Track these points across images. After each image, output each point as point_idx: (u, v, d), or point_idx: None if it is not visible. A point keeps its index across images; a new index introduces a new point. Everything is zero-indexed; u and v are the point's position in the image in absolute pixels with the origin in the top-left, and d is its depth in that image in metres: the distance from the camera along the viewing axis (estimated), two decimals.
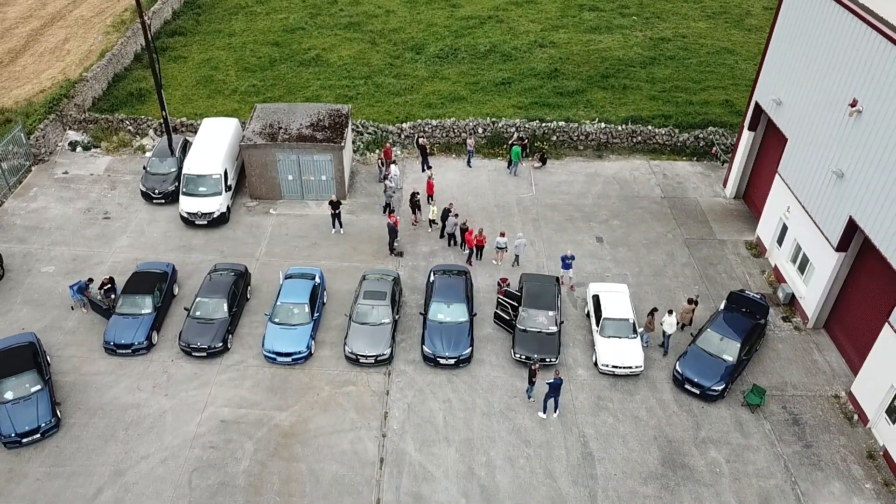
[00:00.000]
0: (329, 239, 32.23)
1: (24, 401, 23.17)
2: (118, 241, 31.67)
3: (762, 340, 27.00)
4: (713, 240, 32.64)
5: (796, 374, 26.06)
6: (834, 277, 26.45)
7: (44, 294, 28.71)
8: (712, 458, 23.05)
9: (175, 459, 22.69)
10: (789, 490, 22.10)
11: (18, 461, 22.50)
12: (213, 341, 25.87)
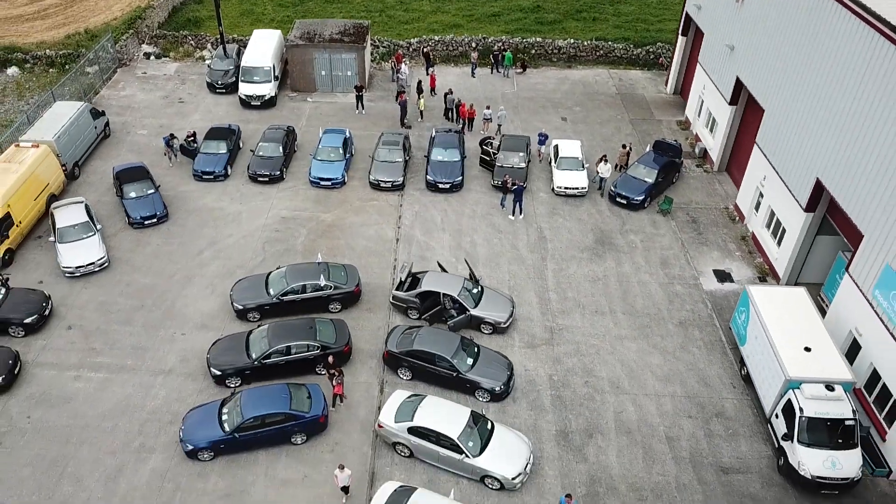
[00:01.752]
0: (354, 117, 41.69)
1: (143, 198, 32.75)
2: (192, 116, 41.18)
3: (678, 175, 36.42)
4: (652, 119, 42.10)
5: (700, 196, 35.53)
6: (732, 133, 35.87)
7: (142, 146, 38.26)
8: (631, 240, 32.52)
9: (251, 236, 32.22)
10: (682, 255, 31.57)
11: (142, 236, 32.06)
12: (273, 170, 35.39)
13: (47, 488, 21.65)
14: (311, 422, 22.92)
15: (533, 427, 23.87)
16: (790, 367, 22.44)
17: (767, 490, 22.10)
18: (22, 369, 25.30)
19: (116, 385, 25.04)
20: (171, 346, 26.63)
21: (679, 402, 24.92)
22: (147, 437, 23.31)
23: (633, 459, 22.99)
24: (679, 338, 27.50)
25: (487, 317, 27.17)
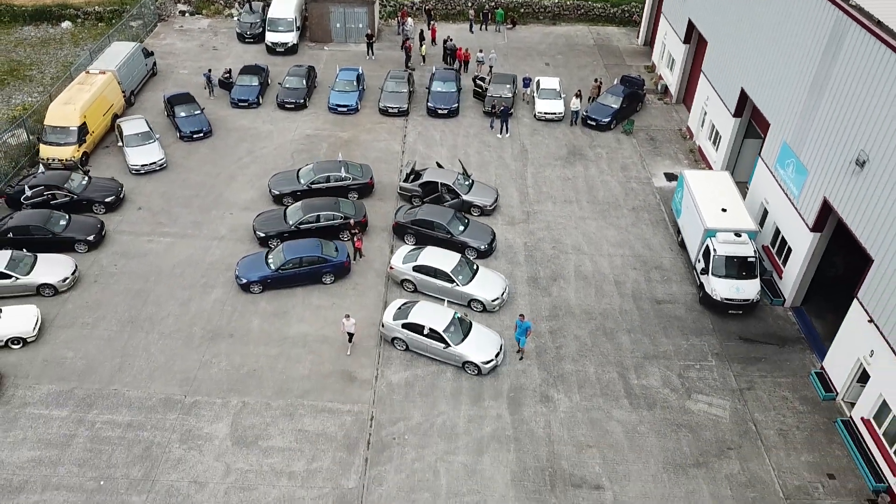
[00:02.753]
0: (365, 62, 48.18)
1: (192, 116, 39.29)
2: (225, 61, 47.69)
3: (641, 104, 42.92)
4: (623, 64, 48.60)
5: (659, 121, 42.07)
6: (687, 68, 42.33)
7: (185, 82, 44.78)
8: (598, 152, 39.04)
9: (281, 148, 38.77)
10: (639, 163, 38.08)
11: (192, 147, 38.58)
12: (297, 99, 41.91)
13: (136, 309, 28.23)
14: (338, 265, 29.48)
15: (510, 275, 30.43)
16: (708, 220, 28.95)
17: (689, 313, 28.64)
18: (106, 234, 31.88)
19: (181, 247, 31.61)
20: (221, 222, 33.20)
21: (627, 260, 31.46)
22: (209, 279, 29.88)
23: (587, 295, 29.54)
24: (631, 218, 34.04)
25: (476, 201, 33.72)
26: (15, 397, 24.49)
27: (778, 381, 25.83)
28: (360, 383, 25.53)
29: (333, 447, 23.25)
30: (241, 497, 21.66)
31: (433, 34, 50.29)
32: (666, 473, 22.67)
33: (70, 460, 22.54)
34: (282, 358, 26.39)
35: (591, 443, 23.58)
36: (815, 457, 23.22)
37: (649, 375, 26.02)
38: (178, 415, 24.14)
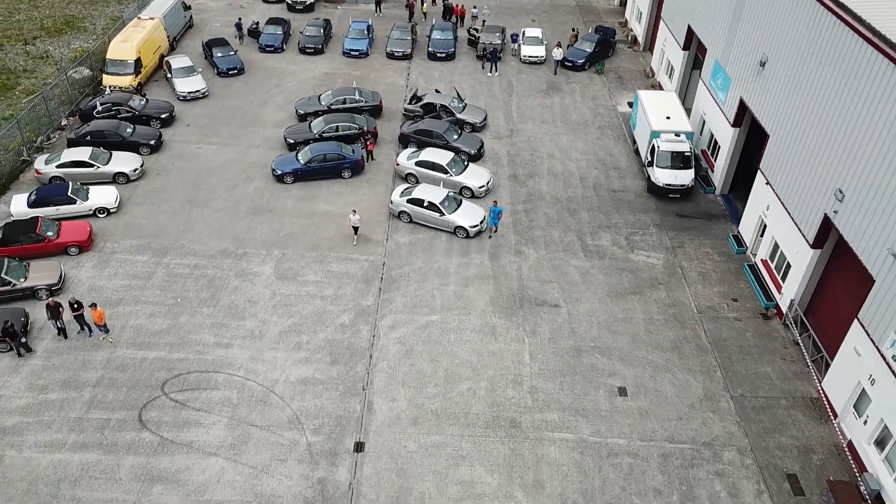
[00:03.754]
0: (373, 18, 55.01)
1: (227, 56, 46.18)
2: (251, 16, 54.55)
3: (612, 50, 49.77)
4: (601, 20, 55.45)
5: (627, 64, 48.91)
6: (652, 20, 49.12)
7: (218, 33, 51.65)
8: (573, 86, 45.89)
9: (304, 82, 45.61)
10: (607, 95, 44.92)
11: (228, 81, 45.43)
12: (316, 45, 48.80)
13: (193, 193, 35.11)
14: (354, 162, 36.36)
15: (495, 173, 37.28)
16: (655, 124, 35.77)
17: (637, 199, 35.51)
18: (163, 142, 38.77)
19: (224, 152, 38.50)
20: (256, 135, 40.08)
21: (591, 163, 38.32)
22: (249, 174, 36.77)
23: (556, 186, 36.41)
24: (597, 134, 40.90)
25: (468, 119, 40.59)
26: (106, 248, 31.41)
27: (703, 242, 32.70)
28: (374, 243, 32.42)
29: (355, 281, 30.15)
30: (285, 310, 28.57)
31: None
32: (609, 298, 29.55)
33: (153, 287, 29.46)
34: (311, 226, 33.30)
35: (552, 279, 30.47)
36: (725, 289, 30.09)
37: (602, 238, 32.90)
38: (233, 260, 31.06)
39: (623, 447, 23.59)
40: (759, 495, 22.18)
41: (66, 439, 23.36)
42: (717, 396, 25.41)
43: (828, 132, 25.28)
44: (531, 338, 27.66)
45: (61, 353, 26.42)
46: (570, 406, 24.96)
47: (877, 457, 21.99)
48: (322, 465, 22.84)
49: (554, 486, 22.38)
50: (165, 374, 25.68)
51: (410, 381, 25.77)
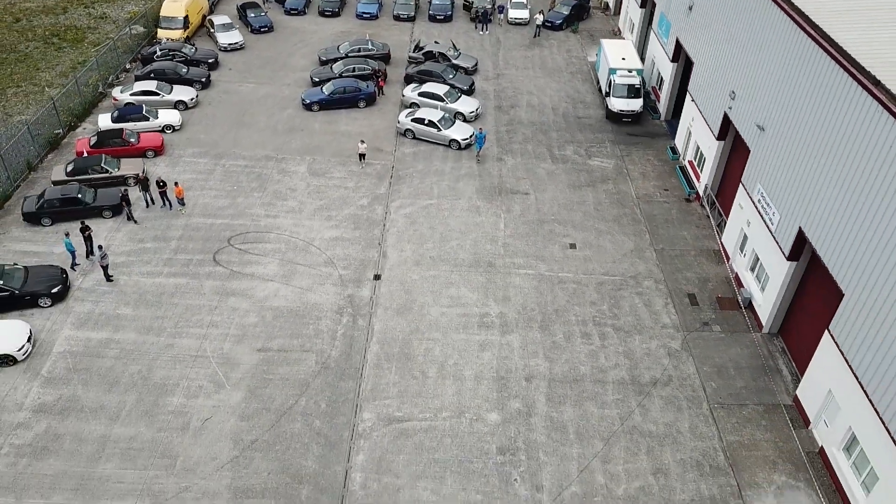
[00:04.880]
0: None
1: (258, 16, 54.59)
2: None
3: (587, 14, 58.18)
4: None
5: (599, 25, 57.36)
6: None
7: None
8: (551, 42, 54.31)
9: (324, 37, 54.08)
10: (580, 49, 53.32)
11: (260, 37, 53.88)
12: (334, 9, 57.26)
13: (238, 117, 43.57)
14: (369, 94, 44.79)
15: (483, 104, 45.69)
16: (612, 63, 44.14)
17: (598, 123, 43.93)
18: (212, 81, 47.25)
19: (261, 89, 46.96)
20: (287, 76, 48.54)
21: (561, 98, 46.75)
22: (283, 105, 45.21)
23: (532, 114, 44.83)
24: (568, 77, 49.33)
25: (461, 64, 49.01)
26: (175, 153, 39.92)
27: (646, 153, 41.15)
28: (385, 153, 40.86)
29: (371, 177, 38.61)
30: (317, 195, 37.03)
31: None
32: (568, 189, 37.99)
33: (214, 179, 37.96)
34: (334, 141, 41.77)
35: (524, 177, 38.91)
36: (659, 183, 38.52)
37: (566, 150, 41.35)
38: (275, 162, 39.54)
39: (570, 278, 32.05)
40: (665, 306, 30.62)
41: (162, 270, 31.88)
42: (643, 249, 33.86)
43: (728, 54, 33.65)
44: (506, 214, 36.12)
45: (150, 220, 34.92)
46: (532, 254, 33.42)
47: (751, 277, 30.44)
48: (350, 287, 31.33)
49: (517, 300, 30.85)
50: (230, 233, 34.18)
51: (414, 240, 34.24)
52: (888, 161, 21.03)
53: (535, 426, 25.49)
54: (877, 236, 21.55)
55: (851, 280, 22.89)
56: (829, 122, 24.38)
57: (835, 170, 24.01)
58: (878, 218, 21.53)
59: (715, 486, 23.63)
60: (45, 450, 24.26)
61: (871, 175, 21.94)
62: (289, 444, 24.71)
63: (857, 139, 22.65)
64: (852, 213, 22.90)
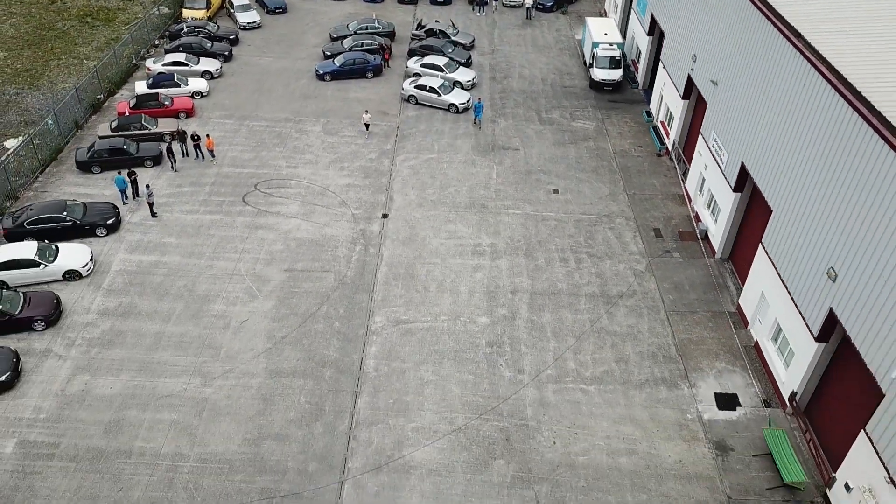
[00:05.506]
0: None
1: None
2: None
3: None
4: None
5: (587, 8, 62.26)
6: None
7: None
8: (542, 23, 59.17)
9: (333, 19, 58.98)
10: (568, 28, 58.21)
11: (275, 18, 58.79)
12: None
13: (258, 85, 48.48)
14: (376, 66, 49.69)
15: (479, 76, 50.55)
16: (596, 37, 49.01)
17: (582, 91, 48.81)
18: (232, 54, 52.14)
19: (278, 62, 51.85)
20: (301, 51, 53.43)
21: (550, 71, 51.62)
22: (298, 75, 50.10)
23: (523, 84, 49.71)
24: (556, 53, 54.21)
25: (460, 40, 53.90)
26: (204, 115, 44.84)
27: (624, 116, 46.03)
28: (391, 116, 45.74)
29: (379, 134, 43.50)
30: (331, 150, 41.91)
31: None
32: (553, 146, 42.87)
33: (240, 136, 42.86)
34: (345, 106, 46.66)
35: (515, 136, 43.81)
36: (634, 141, 43.42)
37: (553, 113, 46.25)
38: (293, 123, 44.44)
39: (552, 216, 36.96)
40: (633, 238, 35.52)
41: (199, 209, 36.81)
42: (617, 194, 38.75)
43: (691, 23, 38.50)
44: (498, 166, 41.03)
45: (186, 169, 39.84)
46: (520, 198, 38.33)
47: (707, 213, 35.34)
48: (362, 223, 36.25)
49: (506, 234, 35.76)
50: (256, 180, 39.10)
51: (417, 186, 39.15)
52: (804, 104, 25.91)
53: (519, 327, 30.42)
54: (798, 161, 26.43)
55: (778, 198, 27.79)
56: (765, 75, 29.23)
57: (768, 115, 28.88)
58: (798, 149, 26.41)
59: (666, 370, 28.55)
60: (111, 342, 29.22)
61: (794, 118, 26.81)
62: (313, 339, 29.64)
63: (786, 89, 27.52)
64: (781, 148, 27.77)
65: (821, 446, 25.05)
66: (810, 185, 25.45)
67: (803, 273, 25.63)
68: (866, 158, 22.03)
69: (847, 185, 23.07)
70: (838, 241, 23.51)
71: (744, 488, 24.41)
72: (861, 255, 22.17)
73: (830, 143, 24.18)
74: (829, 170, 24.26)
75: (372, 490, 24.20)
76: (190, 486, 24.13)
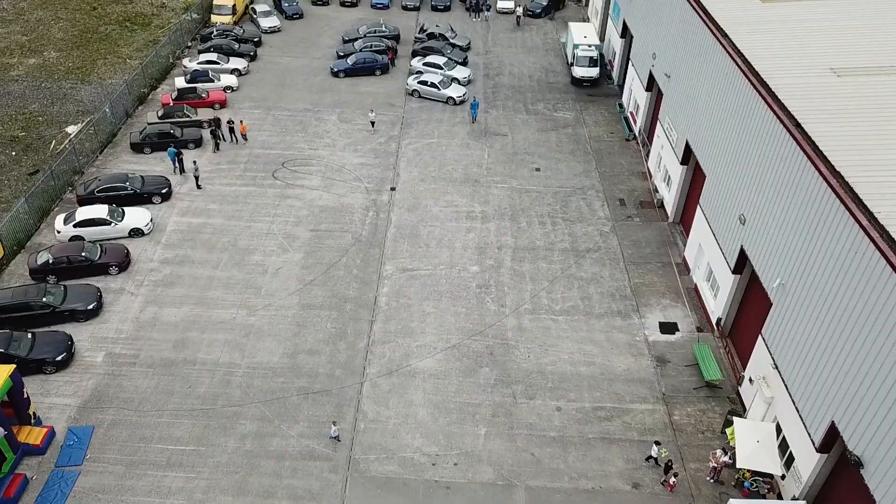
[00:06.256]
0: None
1: (292, 5, 66.49)
2: None
3: (563, 4, 69.98)
4: None
5: (572, 14, 69.30)
6: None
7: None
8: (531, 27, 66.16)
9: (344, 24, 65.98)
10: (554, 32, 65.18)
11: (293, 23, 65.86)
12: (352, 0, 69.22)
13: (281, 80, 55.42)
14: (384, 64, 56.66)
15: (474, 73, 57.46)
16: (577, 39, 55.94)
17: (564, 87, 55.69)
18: (257, 55, 59.10)
19: (297, 61, 58.79)
20: (317, 52, 60.38)
21: (537, 69, 58.53)
22: (315, 73, 57.02)
23: (512, 80, 56.63)
24: (543, 53, 61.16)
25: (457, 42, 60.86)
26: (235, 106, 51.78)
27: (600, 108, 52.91)
28: (396, 107, 52.63)
29: (386, 124, 50.39)
30: (346, 135, 48.77)
31: None
32: (537, 132, 49.73)
33: (267, 124, 49.76)
34: (357, 99, 53.57)
35: (504, 124, 50.69)
36: (607, 129, 50.27)
37: (537, 105, 53.14)
38: (312, 113, 51.35)
39: (534, 189, 43.78)
40: (602, 206, 42.31)
41: (235, 182, 43.68)
42: (590, 171, 45.60)
43: (651, 25, 45.37)
44: (489, 149, 47.88)
45: (222, 151, 46.73)
46: (507, 175, 45.16)
47: (663, 185, 42.19)
48: (373, 194, 43.07)
49: (494, 202, 42.57)
50: (283, 159, 45.97)
51: (420, 164, 45.99)
52: (726, 90, 32.73)
53: (503, 273, 37.21)
54: (721, 134, 33.26)
55: (710, 165, 34.62)
56: (704, 68, 36.08)
57: (707, 99, 35.70)
58: (720, 125, 33.23)
59: (622, 305, 35.32)
60: (172, 283, 36.03)
61: (726, 102, 33.65)
62: (336, 282, 36.44)
63: (721, 83, 34.36)
64: (710, 125, 34.60)
65: (737, 357, 31.80)
66: (729, 153, 32.26)
67: (724, 221, 32.44)
68: (764, 132, 28.83)
69: (752, 152, 29.87)
70: (748, 194, 30.30)
71: (675, 388, 31.14)
72: (763, 202, 28.96)
73: (739, 118, 31.00)
74: (741, 141, 31.07)
75: (385, 388, 30.96)
76: (243, 385, 30.89)
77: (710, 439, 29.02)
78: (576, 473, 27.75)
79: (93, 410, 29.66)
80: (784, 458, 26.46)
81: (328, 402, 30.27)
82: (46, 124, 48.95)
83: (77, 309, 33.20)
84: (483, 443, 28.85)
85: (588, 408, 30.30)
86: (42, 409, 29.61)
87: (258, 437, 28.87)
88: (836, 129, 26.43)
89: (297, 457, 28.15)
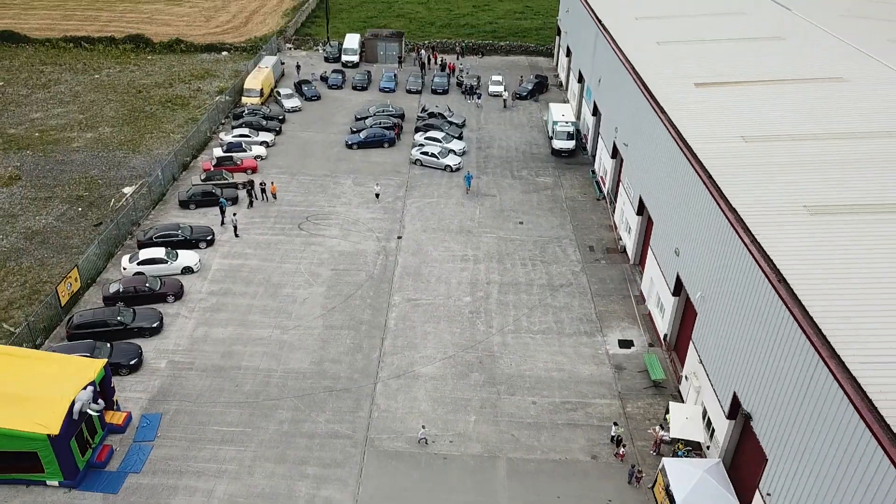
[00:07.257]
0: (398, 71, 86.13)
1: (310, 89, 76.77)
2: (318, 71, 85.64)
3: (546, 88, 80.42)
4: (542, 72, 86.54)
5: (554, 96, 79.64)
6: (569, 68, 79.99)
7: (299, 78, 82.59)
8: (518, 109, 76.24)
9: (356, 105, 76.08)
10: (538, 112, 75.17)
11: (311, 104, 75.90)
12: (363, 85, 79.60)
13: (303, 152, 64.72)
14: (391, 138, 66.14)
15: (468, 145, 66.88)
16: (556, 117, 65.62)
17: (545, 158, 64.95)
18: (281, 130, 68.71)
19: (316, 136, 68.27)
20: (333, 128, 70.00)
21: (521, 142, 68.04)
22: (332, 145, 66.37)
23: (501, 152, 65.99)
24: (528, 130, 70.86)
25: (454, 120, 70.70)
26: (265, 171, 60.77)
27: (575, 174, 61.96)
28: (401, 174, 61.63)
29: (394, 187, 59.27)
30: (359, 196, 57.46)
31: (435, 58, 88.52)
32: (521, 194, 58.53)
33: (293, 186, 58.60)
34: (369, 166, 62.66)
35: (493, 187, 59.58)
36: (581, 191, 59.10)
37: (522, 172, 62.21)
38: (330, 178, 60.31)
39: (517, 239, 52.11)
40: (574, 252, 50.56)
41: (267, 232, 52.04)
42: (565, 224, 54.07)
43: (613, 105, 54.83)
44: (480, 207, 56.53)
45: (255, 207, 55.33)
46: (495, 227, 53.62)
47: (626, 234, 50.56)
48: (383, 242, 51.34)
49: (484, 248, 50.83)
50: (307, 214, 54.50)
51: (422, 218, 54.50)
52: (664, 153, 41.57)
53: (491, 303, 45.04)
54: (662, 188, 41.83)
55: (655, 212, 43.05)
56: (651, 138, 45.06)
57: (652, 162, 44.51)
58: (660, 181, 41.89)
59: (588, 327, 43.00)
60: (219, 309, 43.79)
61: (665, 164, 42.45)
62: (353, 309, 44.21)
63: (655, 143, 43.27)
64: (654, 180, 43.26)
65: (679, 365, 39.30)
66: (666, 204, 40.75)
67: (665, 254, 40.60)
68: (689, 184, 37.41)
69: (682, 200, 38.35)
70: (681, 231, 38.59)
71: (629, 388, 38.51)
72: (689, 238, 37.20)
73: (672, 172, 39.63)
74: (672, 193, 39.62)
75: (394, 387, 38.31)
76: (279, 385, 38.25)
77: (654, 424, 36.22)
78: (546, 448, 34.86)
79: (160, 402, 36.95)
80: (709, 433, 33.68)
81: (349, 398, 37.59)
82: (105, 186, 57.76)
83: (144, 326, 40.90)
84: (473, 426, 36.04)
85: (558, 402, 37.60)
86: (119, 400, 36.87)
87: (293, 422, 36.08)
88: (740, 179, 35.02)
89: (325, 436, 35.30)
